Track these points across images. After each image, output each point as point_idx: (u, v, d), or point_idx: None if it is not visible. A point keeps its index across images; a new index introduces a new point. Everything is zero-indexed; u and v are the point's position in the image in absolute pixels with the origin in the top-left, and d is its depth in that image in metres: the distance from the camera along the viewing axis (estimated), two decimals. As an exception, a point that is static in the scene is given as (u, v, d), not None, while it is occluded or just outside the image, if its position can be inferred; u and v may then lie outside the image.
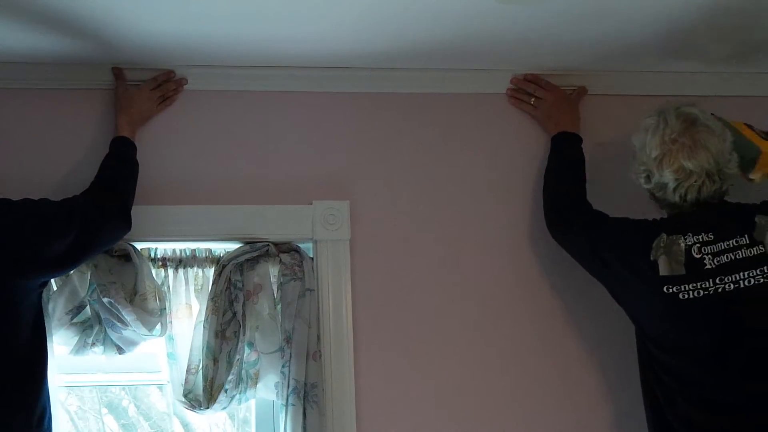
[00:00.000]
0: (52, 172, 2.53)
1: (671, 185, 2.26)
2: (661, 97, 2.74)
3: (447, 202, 2.70)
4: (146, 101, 2.56)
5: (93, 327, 2.43)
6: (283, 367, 2.46)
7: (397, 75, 2.70)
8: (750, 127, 2.56)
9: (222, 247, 2.58)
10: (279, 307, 2.52)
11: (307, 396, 2.43)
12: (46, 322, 2.38)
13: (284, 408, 2.43)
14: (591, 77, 2.77)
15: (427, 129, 2.73)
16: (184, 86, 2.62)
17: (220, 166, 2.62)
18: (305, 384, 2.44)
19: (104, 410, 2.99)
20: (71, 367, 2.56)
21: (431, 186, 2.70)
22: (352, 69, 2.67)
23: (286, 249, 2.57)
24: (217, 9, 2.27)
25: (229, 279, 2.50)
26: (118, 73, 2.56)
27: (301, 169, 2.66)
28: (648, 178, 2.32)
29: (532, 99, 2.73)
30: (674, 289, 2.19)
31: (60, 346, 2.42)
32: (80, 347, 2.43)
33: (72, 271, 2.41)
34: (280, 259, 2.54)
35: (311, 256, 2.59)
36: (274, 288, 2.54)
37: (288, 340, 2.47)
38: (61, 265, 2.29)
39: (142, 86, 2.57)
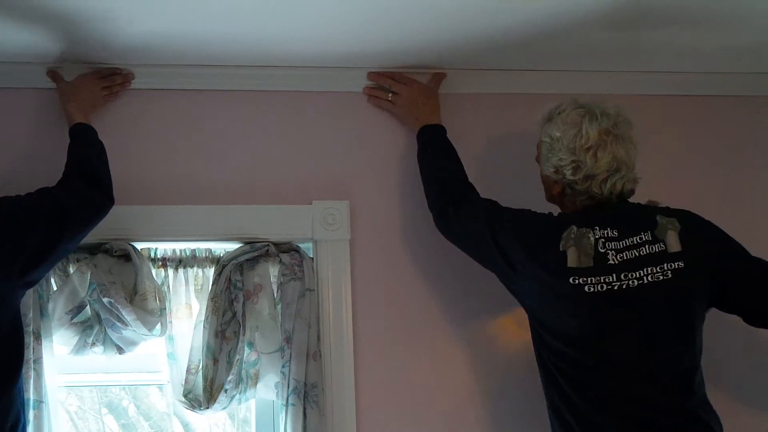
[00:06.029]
0: (49, 172, 2.52)
1: (600, 176, 2.25)
2: (662, 97, 2.75)
3: (447, 202, 2.70)
4: (91, 90, 2.52)
5: (93, 327, 2.43)
6: (283, 367, 2.46)
7: (396, 75, 2.71)
8: None
9: (222, 247, 2.58)
10: (279, 307, 2.52)
11: (307, 396, 2.43)
12: (45, 321, 2.38)
13: (284, 408, 2.43)
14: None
15: (427, 129, 2.73)
16: (189, 87, 2.62)
17: (220, 166, 2.62)
18: (305, 384, 2.44)
19: (104, 410, 2.99)
20: (71, 367, 2.55)
21: (431, 186, 2.70)
22: (351, 69, 2.67)
23: (286, 249, 2.57)
24: (217, 9, 2.27)
25: (229, 279, 2.50)
26: (54, 75, 2.54)
27: (300, 169, 2.66)
28: (576, 168, 2.27)
29: (390, 95, 2.69)
30: (580, 280, 2.19)
31: (60, 346, 2.42)
32: (80, 347, 2.43)
33: (72, 271, 2.42)
34: (280, 259, 2.54)
35: (311, 256, 2.59)
36: (274, 288, 2.54)
37: (288, 340, 2.47)
38: (42, 255, 2.20)
39: (84, 76, 2.54)
